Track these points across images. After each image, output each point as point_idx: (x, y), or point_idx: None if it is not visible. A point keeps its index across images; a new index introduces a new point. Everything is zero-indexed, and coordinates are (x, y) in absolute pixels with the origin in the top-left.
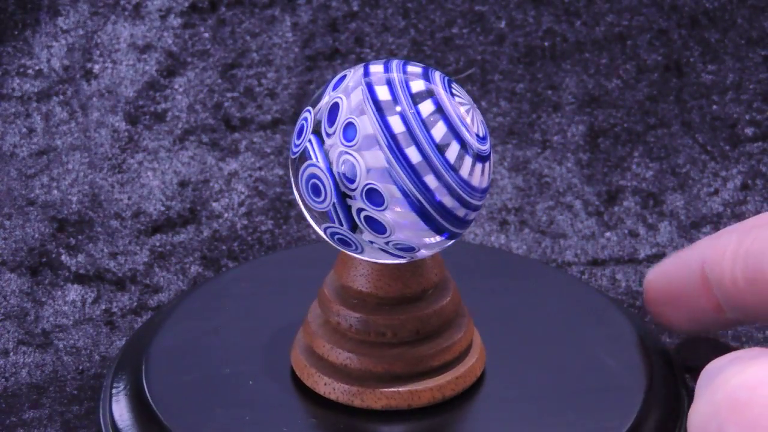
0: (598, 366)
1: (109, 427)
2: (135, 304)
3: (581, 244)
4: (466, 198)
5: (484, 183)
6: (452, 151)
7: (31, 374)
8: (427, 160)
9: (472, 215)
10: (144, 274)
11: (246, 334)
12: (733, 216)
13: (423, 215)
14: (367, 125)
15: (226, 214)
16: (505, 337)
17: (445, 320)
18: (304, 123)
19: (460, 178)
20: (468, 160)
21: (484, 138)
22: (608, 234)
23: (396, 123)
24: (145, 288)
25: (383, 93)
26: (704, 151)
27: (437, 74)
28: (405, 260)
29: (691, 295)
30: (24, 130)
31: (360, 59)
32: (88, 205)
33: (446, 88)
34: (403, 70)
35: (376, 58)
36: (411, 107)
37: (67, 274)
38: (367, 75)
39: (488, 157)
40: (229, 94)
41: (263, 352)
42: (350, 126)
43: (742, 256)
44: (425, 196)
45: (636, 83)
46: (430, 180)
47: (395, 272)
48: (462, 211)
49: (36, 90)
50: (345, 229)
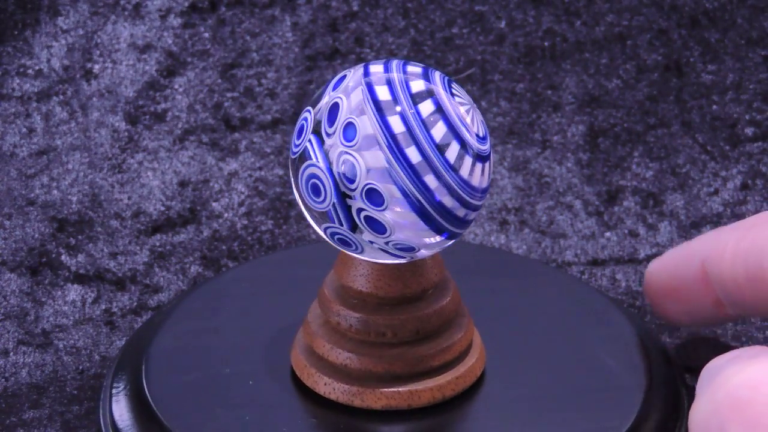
0: (598, 366)
1: (109, 427)
2: (135, 304)
3: (581, 244)
4: (466, 198)
5: (484, 183)
6: (452, 151)
7: (31, 374)
8: (427, 160)
9: (472, 215)
10: (144, 274)
11: (246, 334)
12: (733, 216)
13: (423, 215)
14: (367, 125)
15: (226, 214)
16: (505, 337)
17: (445, 320)
18: (304, 123)
19: (460, 178)
20: (468, 160)
21: (484, 138)
22: (608, 234)
23: (396, 123)
24: (145, 288)
25: (383, 93)
26: (704, 151)
27: (437, 74)
28: (405, 260)
29: (690, 290)
30: (24, 130)
31: (360, 59)
32: (88, 205)
33: (446, 88)
34: (403, 70)
35: (376, 58)
36: (411, 107)
37: (67, 274)
38: (367, 75)
39: (488, 157)
40: (229, 94)
41: (263, 352)
42: (350, 126)
43: (743, 253)
44: (425, 196)
45: (636, 83)
46: (430, 180)
47: (395, 272)
48: (462, 211)
49: (36, 90)
50: (345, 229)
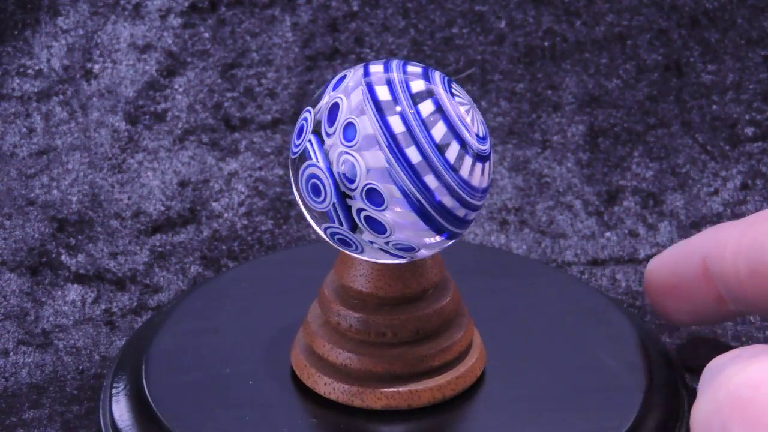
0: (598, 366)
1: (109, 427)
2: (135, 304)
3: (581, 244)
4: (466, 198)
5: (484, 183)
6: (452, 151)
7: (31, 374)
8: (427, 160)
9: (472, 215)
10: (144, 274)
11: (246, 334)
12: (733, 216)
13: (423, 215)
14: (367, 125)
15: (226, 214)
16: (505, 337)
17: (445, 320)
18: (304, 123)
19: (460, 178)
20: (468, 160)
21: (484, 138)
22: (608, 234)
23: (396, 123)
24: (145, 288)
25: (383, 93)
26: (704, 151)
27: (437, 74)
28: (405, 260)
29: (692, 286)
30: (24, 130)
31: (360, 59)
32: (88, 205)
33: (446, 88)
34: (403, 70)
35: (376, 58)
36: (411, 107)
37: (67, 274)
38: (367, 75)
39: (488, 157)
40: (229, 94)
41: (263, 352)
42: (350, 126)
43: (745, 249)
44: (425, 196)
45: (636, 83)
46: (430, 180)
47: (395, 272)
48: (462, 211)
49: (36, 90)
50: (345, 229)
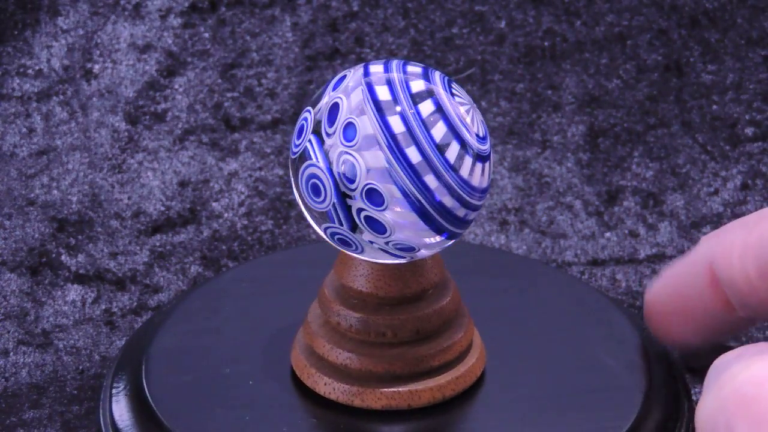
0: (598, 366)
1: (109, 427)
2: (135, 304)
3: (581, 244)
4: (466, 198)
5: (484, 183)
6: (452, 151)
7: (31, 374)
8: (427, 160)
9: (472, 215)
10: (144, 274)
11: (246, 334)
12: (733, 216)
13: (423, 215)
14: (367, 125)
15: (226, 214)
16: (505, 337)
17: (445, 320)
18: (304, 123)
19: (460, 178)
20: (468, 160)
21: (484, 138)
22: (608, 234)
23: (396, 123)
24: (145, 288)
25: (383, 93)
26: (704, 151)
27: (437, 74)
28: (405, 260)
29: (698, 299)
30: (24, 130)
31: (360, 59)
32: (88, 205)
33: (446, 88)
34: (403, 70)
35: (376, 58)
36: (411, 107)
37: (67, 274)
38: (367, 75)
39: (488, 157)
40: (229, 94)
41: (263, 352)
42: (350, 126)
43: (752, 249)
44: (425, 196)
45: (636, 83)
46: (430, 180)
47: (395, 272)
48: (462, 211)
49: (36, 90)
50: (345, 229)
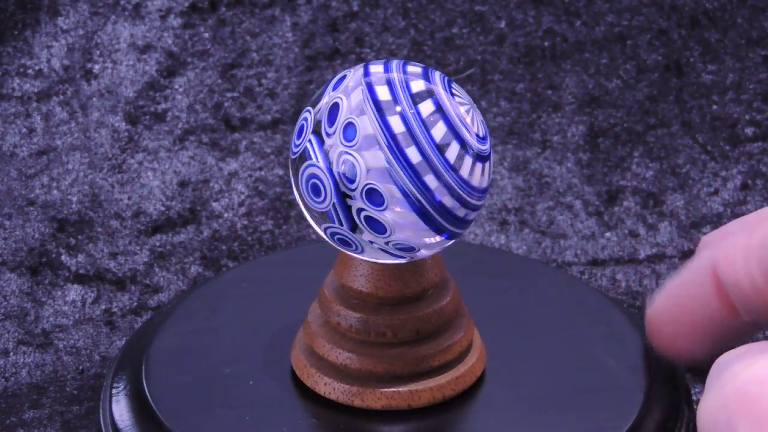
0: (598, 366)
1: (109, 427)
2: (135, 304)
3: (581, 244)
4: (466, 198)
5: (484, 183)
6: (452, 151)
7: (31, 374)
8: (427, 160)
9: (472, 215)
10: (144, 274)
11: (246, 334)
12: (733, 216)
13: (423, 215)
14: (367, 125)
15: (226, 214)
16: (505, 337)
17: (445, 320)
18: (304, 123)
19: (460, 178)
20: (468, 160)
21: (484, 138)
22: (608, 234)
23: (396, 123)
24: (145, 288)
25: (383, 93)
26: (704, 151)
27: (437, 74)
28: (405, 260)
29: (704, 306)
30: (24, 130)
31: (360, 59)
32: (88, 205)
33: (446, 88)
34: (403, 70)
35: (376, 58)
36: (411, 107)
37: (67, 274)
38: (367, 75)
39: (488, 157)
40: (229, 94)
41: (263, 352)
42: (350, 126)
43: (755, 250)
44: (425, 196)
45: (636, 83)
46: (430, 180)
47: (395, 272)
48: (462, 211)
49: (36, 90)
50: (345, 229)
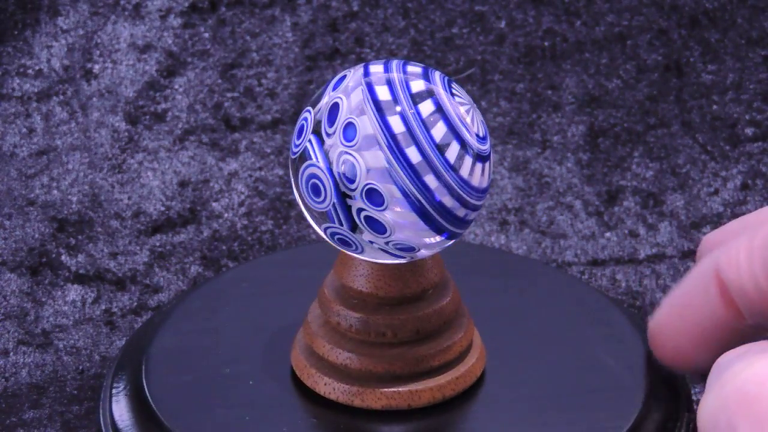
0: (598, 366)
1: (109, 427)
2: (135, 304)
3: (581, 244)
4: (466, 198)
5: (484, 183)
6: (452, 151)
7: (31, 374)
8: (427, 160)
9: (472, 215)
10: (144, 274)
11: (246, 334)
12: (733, 216)
13: (423, 215)
14: (367, 125)
15: (226, 214)
16: (505, 337)
17: (445, 320)
18: (304, 123)
19: (460, 178)
20: (468, 160)
21: (484, 138)
22: (608, 234)
23: (396, 123)
24: (145, 288)
25: (383, 93)
26: (704, 151)
27: (437, 74)
28: (405, 260)
29: (709, 311)
30: (24, 130)
31: (360, 59)
32: (88, 205)
33: (446, 88)
34: (403, 70)
35: (376, 58)
36: (411, 107)
37: (67, 274)
38: (367, 75)
39: (488, 157)
40: (229, 94)
41: (263, 352)
42: (350, 126)
43: (759, 250)
44: (425, 196)
45: (636, 83)
46: (430, 180)
47: (395, 272)
48: (462, 211)
49: (36, 90)
50: (345, 229)
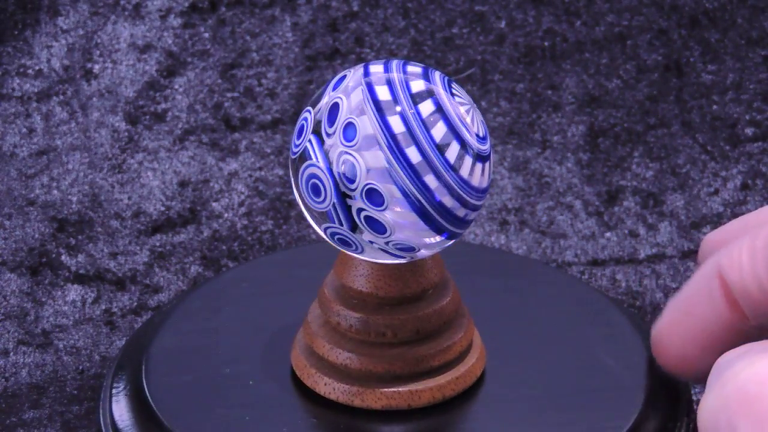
0: (598, 366)
1: (109, 427)
2: (135, 304)
3: (581, 244)
4: (466, 198)
5: (484, 183)
6: (452, 151)
7: (31, 374)
8: (427, 160)
9: (472, 215)
10: (144, 274)
11: (246, 334)
12: (734, 216)
13: (423, 215)
14: (367, 125)
15: (226, 214)
16: (505, 337)
17: (445, 320)
18: (304, 123)
19: (460, 178)
20: (468, 160)
21: (484, 138)
22: (608, 234)
23: (396, 123)
24: (145, 288)
25: (383, 93)
26: (704, 151)
27: (437, 74)
28: (405, 260)
29: (714, 314)
30: (24, 130)
31: (360, 59)
32: (88, 205)
33: (446, 88)
34: (403, 70)
35: (376, 58)
36: (411, 107)
37: (67, 274)
38: (367, 75)
39: (488, 157)
40: (229, 94)
41: (263, 352)
42: (350, 126)
43: (762, 251)
44: (425, 196)
45: (636, 83)
46: (430, 180)
47: (395, 272)
48: (462, 211)
49: (36, 90)
50: (345, 229)
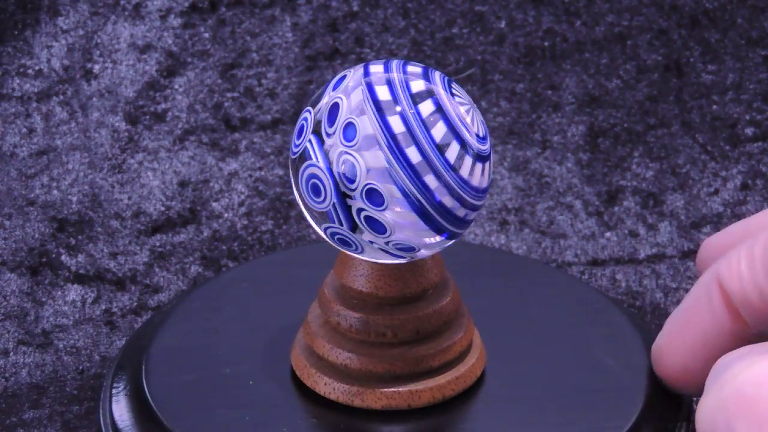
0: (598, 366)
1: (109, 427)
2: (135, 304)
3: (581, 244)
4: (466, 198)
5: (484, 183)
6: (452, 151)
7: (31, 374)
8: (427, 160)
9: (472, 215)
10: (144, 274)
11: (246, 334)
12: (734, 216)
13: (423, 215)
14: (367, 125)
15: (226, 214)
16: (505, 337)
17: (445, 320)
18: (304, 123)
19: (460, 178)
20: (468, 160)
21: (484, 138)
22: (608, 234)
23: (396, 123)
24: (145, 288)
25: (383, 93)
26: (704, 151)
27: (437, 74)
28: (405, 260)
29: (715, 323)
30: (24, 130)
31: (360, 59)
32: (88, 205)
33: (446, 88)
34: (403, 70)
35: (376, 58)
36: (411, 107)
37: (67, 274)
38: (367, 75)
39: (488, 157)
40: (229, 94)
41: (263, 352)
42: (350, 126)
43: (760, 258)
44: (425, 196)
45: (636, 83)
46: (430, 180)
47: (395, 272)
48: (462, 211)
49: (36, 90)
50: (345, 229)
